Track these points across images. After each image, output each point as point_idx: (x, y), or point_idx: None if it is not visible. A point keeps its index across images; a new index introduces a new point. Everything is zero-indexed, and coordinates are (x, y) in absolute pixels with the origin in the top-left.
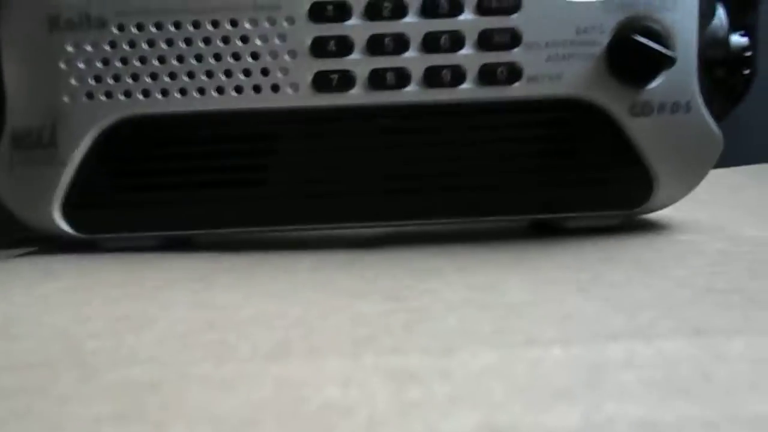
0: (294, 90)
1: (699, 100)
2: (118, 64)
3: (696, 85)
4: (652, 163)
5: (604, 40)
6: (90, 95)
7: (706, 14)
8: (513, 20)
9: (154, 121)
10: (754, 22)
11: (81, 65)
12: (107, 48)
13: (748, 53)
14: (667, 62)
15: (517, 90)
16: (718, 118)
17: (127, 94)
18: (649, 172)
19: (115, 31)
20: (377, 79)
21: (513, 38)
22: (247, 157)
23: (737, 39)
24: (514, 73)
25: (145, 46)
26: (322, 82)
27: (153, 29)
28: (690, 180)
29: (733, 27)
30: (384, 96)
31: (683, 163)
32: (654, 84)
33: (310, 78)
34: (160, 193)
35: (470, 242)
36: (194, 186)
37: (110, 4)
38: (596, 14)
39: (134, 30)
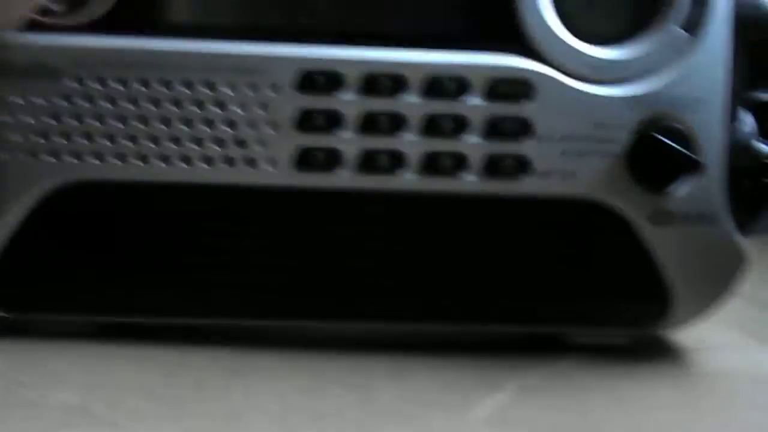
0: (272, 166)
1: (725, 212)
2: (71, 121)
3: (722, 196)
4: (670, 278)
5: (624, 137)
6: (33, 153)
7: (733, 119)
8: (525, 108)
9: (106, 188)
10: None
11: (27, 118)
12: (60, 101)
13: None
14: (694, 167)
15: (525, 185)
16: (742, 231)
17: (77, 155)
18: (667, 288)
19: (70, 83)
20: (369, 161)
21: (524, 128)
22: (210, 238)
23: (761, 146)
24: (523, 167)
25: (104, 102)
26: (305, 159)
27: (115, 85)
28: (711, 300)
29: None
30: (375, 181)
31: (705, 281)
32: (677, 191)
33: (292, 154)
34: (106, 271)
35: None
36: (146, 266)
37: (68, 52)
38: (617, 109)
39: (93, 84)
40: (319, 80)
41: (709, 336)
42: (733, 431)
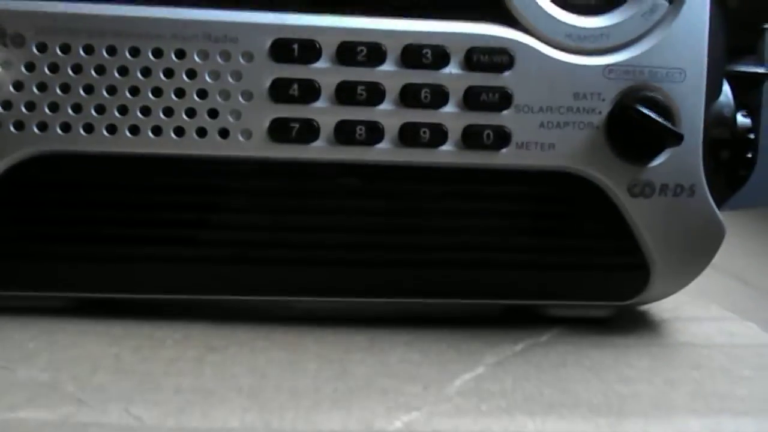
0: (246, 137)
1: (704, 184)
2: (35, 91)
3: (701, 167)
4: (650, 249)
5: (605, 108)
6: None
7: (712, 90)
8: (503, 78)
9: (73, 160)
10: (759, 102)
11: None
12: (23, 70)
13: (752, 135)
14: (674, 139)
15: (503, 157)
16: (717, 203)
17: (43, 126)
18: (646, 260)
19: (34, 51)
20: (345, 133)
21: (502, 98)
22: (180, 212)
23: (741, 119)
24: (501, 138)
25: (69, 71)
26: (280, 130)
27: (81, 53)
28: (690, 271)
29: (738, 106)
30: (351, 152)
31: (684, 252)
32: (657, 162)
33: (266, 125)
34: (73, 246)
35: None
36: (114, 240)
37: (31, 18)
38: (597, 80)
39: (58, 52)
40: (294, 49)
41: (685, 308)
42: (708, 401)
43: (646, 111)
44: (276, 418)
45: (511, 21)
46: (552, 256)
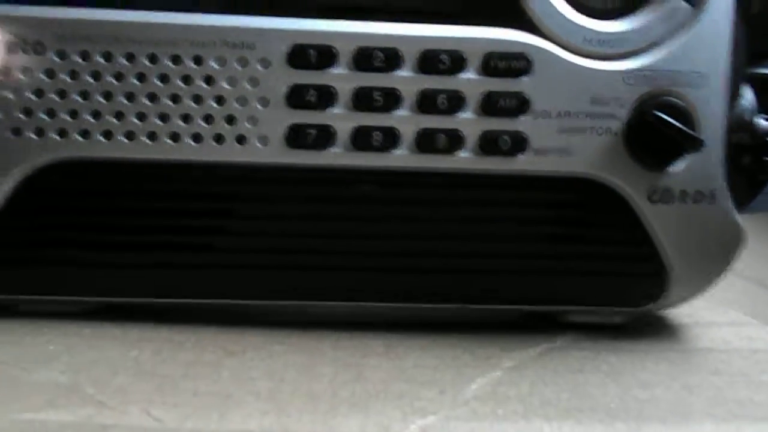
0: (263, 143)
1: (724, 190)
2: (55, 97)
3: (722, 173)
4: (668, 256)
5: (623, 114)
6: (16, 131)
7: (733, 94)
8: (521, 84)
9: (92, 167)
10: None
11: (8, 95)
12: (43, 77)
13: None
14: (694, 145)
15: (521, 163)
16: (736, 208)
17: (62, 133)
18: (665, 267)
19: (54, 57)
20: (362, 139)
21: (520, 104)
22: (197, 218)
23: (762, 123)
24: (519, 144)
25: (88, 78)
26: (296, 136)
27: (100, 59)
28: (708, 278)
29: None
30: (368, 158)
31: (703, 259)
32: (676, 168)
33: (283, 131)
34: (91, 252)
35: None
36: (132, 247)
37: (51, 26)
38: (616, 85)
39: (77, 58)
40: (311, 55)
41: (703, 313)
42: (727, 407)
43: (665, 117)
44: (294, 422)
45: (529, 26)
46: (570, 262)
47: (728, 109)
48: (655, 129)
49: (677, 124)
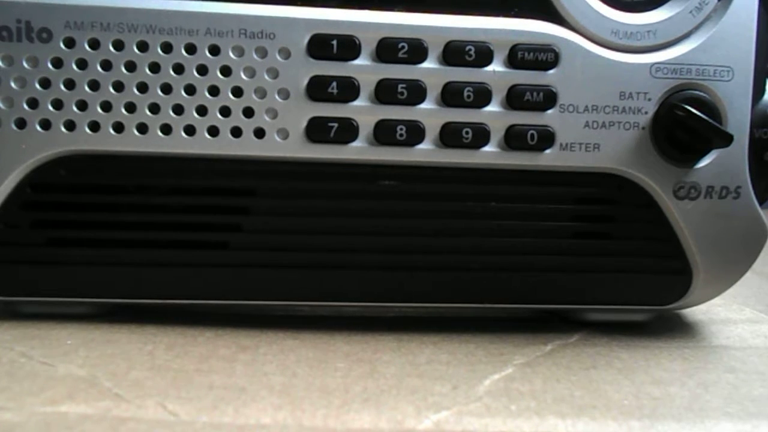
0: (282, 137)
1: (749, 186)
2: (63, 88)
3: (747, 169)
4: (693, 253)
5: (651, 108)
6: (21, 123)
7: (758, 89)
8: (548, 77)
9: (102, 161)
10: None
11: (13, 85)
12: (50, 67)
13: None
14: (723, 139)
15: (547, 158)
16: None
17: (70, 125)
18: (689, 264)
19: (62, 46)
20: (385, 133)
21: (547, 98)
22: (213, 214)
23: None
24: (545, 139)
25: (99, 68)
26: (317, 130)
27: (111, 49)
28: (732, 274)
29: None
30: (391, 153)
31: (727, 255)
32: (702, 164)
33: (303, 124)
34: (103, 250)
35: None
36: (143, 245)
37: (59, 12)
38: (643, 79)
39: (87, 47)
40: (333, 46)
41: (718, 310)
42: (743, 405)
43: (694, 111)
44: (307, 416)
45: (556, 18)
46: (595, 259)
47: (753, 104)
48: (683, 123)
49: (707, 118)
